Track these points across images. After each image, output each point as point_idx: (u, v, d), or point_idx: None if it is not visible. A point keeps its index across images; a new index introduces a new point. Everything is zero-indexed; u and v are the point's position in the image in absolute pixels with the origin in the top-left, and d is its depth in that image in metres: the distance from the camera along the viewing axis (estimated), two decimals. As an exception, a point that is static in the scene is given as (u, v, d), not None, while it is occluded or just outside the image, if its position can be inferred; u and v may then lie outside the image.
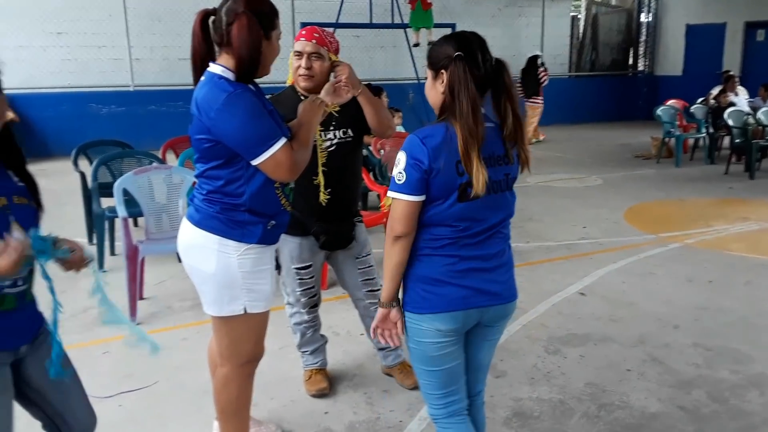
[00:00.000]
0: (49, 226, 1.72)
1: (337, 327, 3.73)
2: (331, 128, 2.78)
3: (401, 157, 1.81)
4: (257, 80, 2.15)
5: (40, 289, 1.74)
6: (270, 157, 2.00)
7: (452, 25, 11.97)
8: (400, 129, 7.52)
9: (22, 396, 1.79)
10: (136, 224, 5.62)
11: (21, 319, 1.72)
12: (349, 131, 2.82)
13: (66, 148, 8.23)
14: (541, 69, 11.76)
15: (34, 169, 1.84)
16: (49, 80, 10.79)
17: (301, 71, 2.67)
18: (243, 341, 2.25)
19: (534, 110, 11.83)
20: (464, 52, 1.78)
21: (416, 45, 10.85)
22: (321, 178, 2.75)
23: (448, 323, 1.85)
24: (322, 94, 2.28)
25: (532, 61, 11.81)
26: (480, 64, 1.80)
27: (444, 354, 1.89)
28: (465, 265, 1.86)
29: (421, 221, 1.85)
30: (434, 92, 1.88)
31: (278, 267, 2.88)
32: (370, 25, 11.09)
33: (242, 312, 2.18)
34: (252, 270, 2.16)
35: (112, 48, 11.35)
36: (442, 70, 1.82)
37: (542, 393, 3.00)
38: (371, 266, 3.04)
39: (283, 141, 2.02)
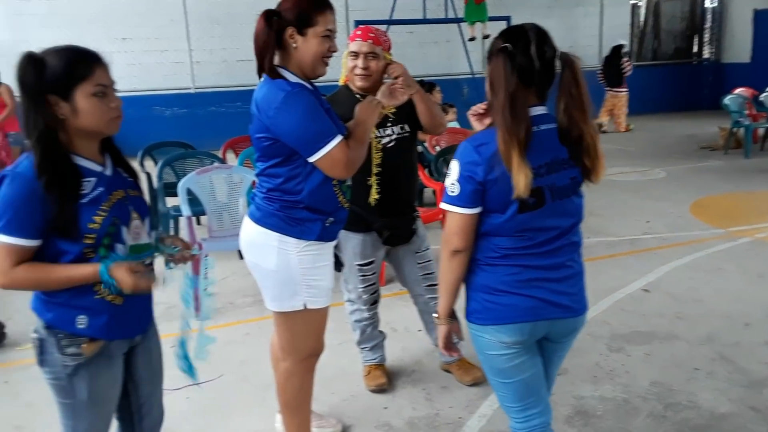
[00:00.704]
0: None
1: (395, 323, 3.75)
2: (389, 124, 2.80)
3: (454, 167, 1.73)
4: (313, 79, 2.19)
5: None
6: (326, 154, 2.03)
7: (507, 18, 11.80)
8: (454, 124, 7.48)
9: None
10: (198, 222, 5.79)
11: (139, 307, 1.80)
12: (406, 126, 2.84)
13: (132, 149, 8.50)
14: (625, 59, 11.67)
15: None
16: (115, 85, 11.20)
17: (358, 71, 2.69)
18: (303, 336, 2.30)
19: (618, 100, 11.76)
20: (513, 45, 1.68)
21: (471, 39, 10.70)
22: (374, 180, 2.77)
23: (512, 335, 1.76)
24: (379, 96, 2.29)
25: (616, 50, 11.70)
26: (533, 58, 1.68)
27: (514, 366, 1.80)
28: (530, 274, 1.75)
29: (480, 231, 1.77)
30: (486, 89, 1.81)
31: (338, 265, 2.93)
32: (424, 21, 11.04)
33: (302, 308, 2.22)
34: (311, 266, 2.20)
35: (173, 52, 11.70)
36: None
37: (605, 391, 2.94)
38: (430, 261, 3.04)
39: (338, 138, 2.05)
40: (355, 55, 2.70)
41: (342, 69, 2.87)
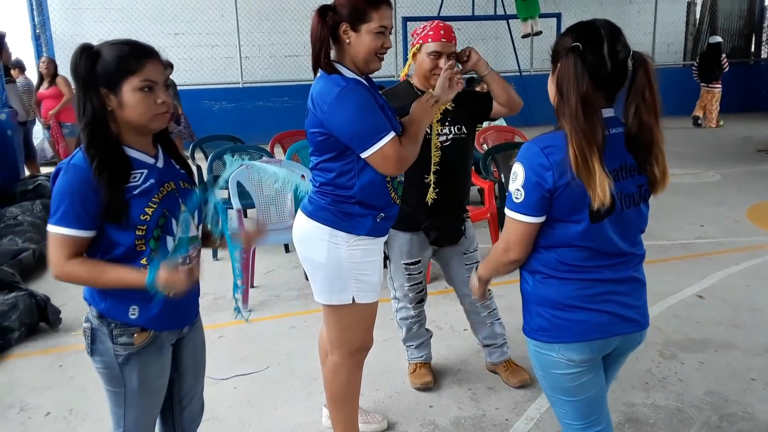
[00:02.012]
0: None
1: (441, 321, 3.73)
2: (447, 123, 2.78)
3: (518, 171, 1.61)
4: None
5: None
6: (378, 150, 2.02)
7: (557, 15, 11.61)
8: (501, 122, 7.39)
9: None
10: (245, 215, 5.87)
11: (189, 299, 1.81)
12: (464, 128, 2.81)
13: (184, 143, 8.73)
14: (723, 55, 11.90)
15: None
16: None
17: (457, 76, 2.59)
18: (352, 330, 2.30)
19: (712, 95, 12.00)
20: (583, 43, 1.55)
21: (526, 36, 10.43)
22: (432, 178, 2.75)
23: (582, 353, 1.66)
24: (437, 90, 2.26)
25: (712, 47, 11.96)
26: (606, 58, 1.55)
27: (579, 384, 1.70)
28: (601, 288, 1.65)
29: (544, 243, 1.67)
30: (552, 90, 1.66)
31: (384, 261, 2.92)
32: (473, 18, 10.96)
33: (351, 301, 2.22)
34: (361, 261, 2.19)
35: (223, 47, 11.90)
36: (558, 64, 1.61)
37: (658, 399, 2.86)
38: (478, 262, 3.00)
39: (391, 135, 2.03)
40: (438, 55, 2.65)
41: (406, 65, 2.84)
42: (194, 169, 5.67)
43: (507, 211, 1.67)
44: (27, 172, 7.62)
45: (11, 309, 3.61)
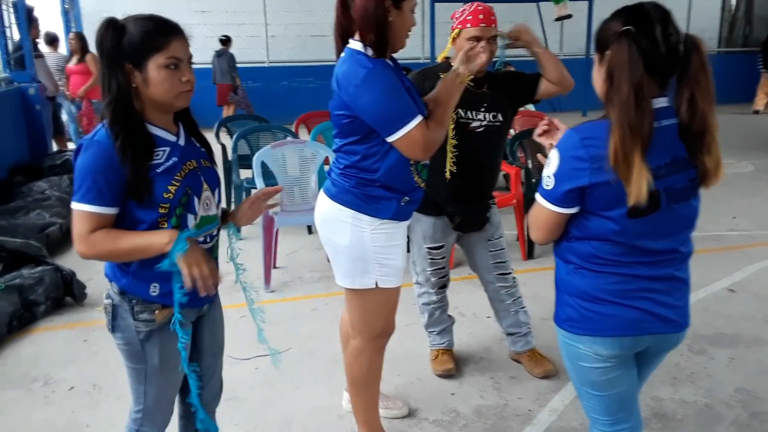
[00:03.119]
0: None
1: (463, 308, 3.68)
2: (482, 110, 2.71)
3: (553, 158, 1.54)
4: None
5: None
6: (405, 134, 1.97)
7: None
8: (529, 107, 7.26)
9: None
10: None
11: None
12: (499, 116, 2.74)
13: (209, 120, 8.67)
14: None
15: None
16: (193, 57, 11.45)
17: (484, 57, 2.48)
18: (374, 315, 2.26)
19: None
20: (636, 27, 1.44)
21: (560, 19, 10.07)
22: (449, 158, 2.68)
23: (611, 348, 1.60)
24: (456, 64, 2.17)
25: None
26: (659, 42, 1.45)
27: (608, 380, 1.65)
28: (636, 284, 1.57)
29: (579, 234, 1.60)
30: (598, 79, 1.56)
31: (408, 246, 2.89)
32: (503, 0, 10.75)
33: (374, 286, 2.19)
34: (384, 245, 2.16)
35: (250, 26, 11.87)
36: (607, 51, 1.50)
37: (686, 395, 2.79)
38: (503, 249, 2.95)
39: (418, 119, 1.98)
40: (477, 39, 2.57)
41: (445, 48, 2.77)
42: (218, 148, 5.68)
43: (537, 195, 1.62)
44: (55, 147, 7.70)
45: (37, 283, 3.64)
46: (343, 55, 2.09)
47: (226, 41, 10.62)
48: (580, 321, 1.62)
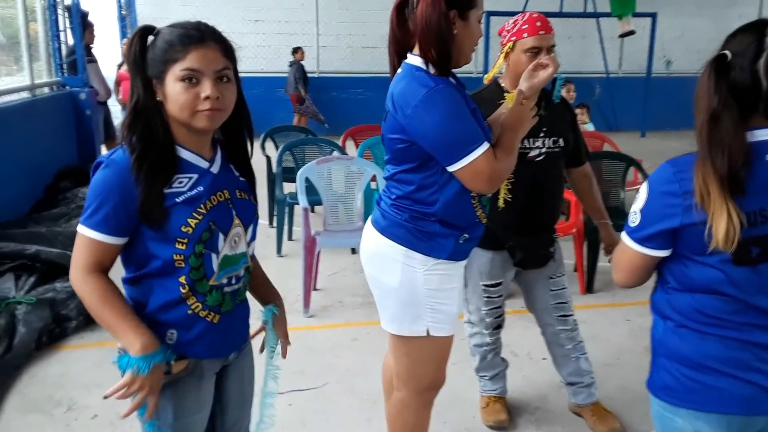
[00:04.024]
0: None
1: (516, 346, 3.39)
2: (541, 135, 2.44)
3: (643, 192, 1.38)
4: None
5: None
6: (469, 164, 1.72)
7: (653, 15, 10.93)
8: (589, 127, 6.93)
9: None
10: (313, 210, 5.69)
11: (237, 322, 1.59)
12: (561, 141, 2.47)
13: (256, 130, 8.65)
14: None
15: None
16: (244, 65, 11.42)
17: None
18: (423, 365, 2.01)
19: None
20: (735, 53, 1.28)
21: (625, 35, 9.64)
22: (504, 188, 2.42)
23: (716, 427, 1.37)
24: (522, 84, 1.90)
25: None
26: (761, 74, 1.25)
27: None
28: (750, 353, 1.34)
29: (677, 284, 1.39)
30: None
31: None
32: (560, 14, 10.43)
33: (424, 334, 1.94)
34: (438, 288, 1.91)
35: (302, 35, 11.81)
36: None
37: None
38: (565, 288, 2.67)
39: (485, 147, 1.73)
40: (537, 51, 2.31)
41: (494, 66, 2.51)
42: (263, 160, 5.53)
43: (623, 231, 1.44)
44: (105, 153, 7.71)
45: (70, 297, 3.51)
46: (400, 71, 1.86)
47: (295, 51, 10.66)
48: (680, 391, 1.39)
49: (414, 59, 1.82)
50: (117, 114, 9.19)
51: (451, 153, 1.74)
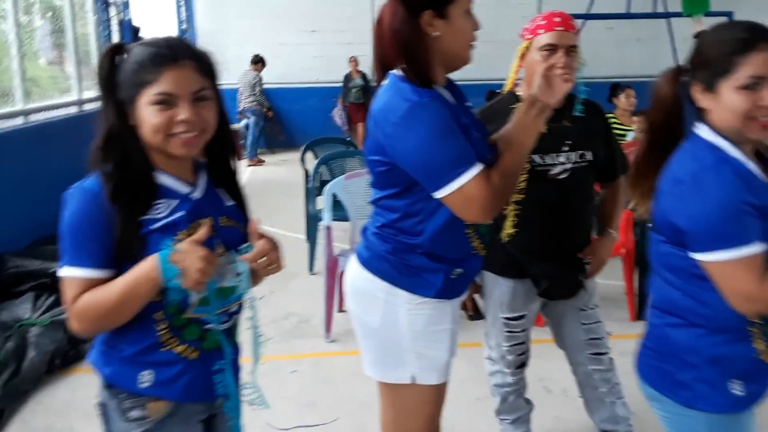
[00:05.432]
0: (279, 218, 1.35)
1: (551, 381, 3.05)
2: (565, 149, 2.14)
3: None
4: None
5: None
6: (457, 189, 1.47)
7: (728, 14, 10.13)
8: (633, 136, 6.41)
9: None
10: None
11: (230, 358, 1.44)
12: (588, 154, 2.16)
13: (309, 140, 8.60)
14: None
15: (280, 159, 1.54)
16: (301, 75, 11.48)
17: (560, 71, 1.90)
18: (410, 417, 1.77)
19: None
20: None
21: (698, 36, 9.07)
22: (511, 209, 2.12)
23: None
24: (533, 88, 1.61)
25: None
26: None
27: None
28: None
29: None
30: None
31: (478, 315, 2.38)
32: (628, 15, 9.84)
33: (409, 381, 1.69)
34: (425, 330, 1.66)
35: (358, 45, 11.68)
36: None
37: None
38: (598, 322, 2.34)
39: (476, 170, 1.47)
40: (552, 49, 2.03)
41: (512, 71, 2.24)
42: (302, 173, 5.38)
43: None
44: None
45: (87, 317, 3.44)
46: (384, 83, 1.63)
47: (350, 61, 10.66)
48: None
49: (399, 70, 1.59)
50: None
51: (437, 177, 1.50)
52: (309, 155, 5.94)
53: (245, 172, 9.23)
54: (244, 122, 10.35)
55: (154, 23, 9.69)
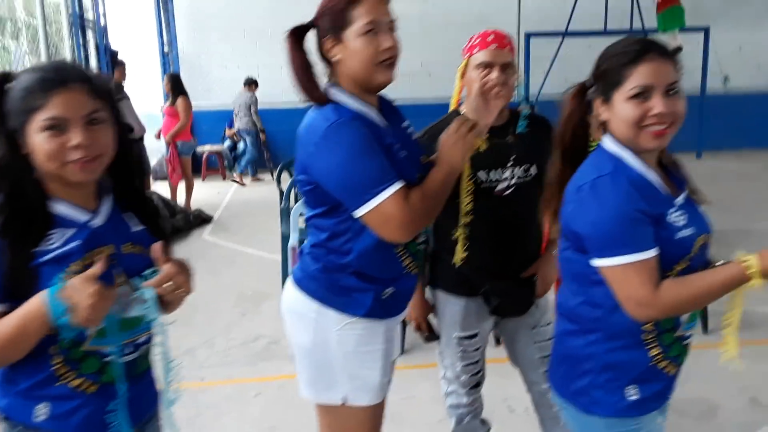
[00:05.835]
0: (258, 239, 1.31)
1: (514, 400, 3.01)
2: (509, 165, 2.14)
3: None
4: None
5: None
6: (375, 208, 1.48)
7: (705, 29, 10.33)
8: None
9: None
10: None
11: (135, 393, 1.38)
12: (532, 168, 2.17)
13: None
14: None
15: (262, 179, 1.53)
16: (284, 96, 11.51)
17: (493, 86, 1.95)
18: None
19: None
20: None
21: (673, 52, 9.14)
22: (461, 233, 2.11)
23: None
24: (469, 113, 1.65)
25: None
26: None
27: None
28: None
29: None
30: None
31: (432, 336, 2.37)
32: (605, 33, 9.98)
33: (341, 402, 1.68)
34: (355, 350, 1.66)
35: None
36: None
37: None
38: (550, 339, 2.31)
39: (393, 188, 1.48)
40: (488, 67, 2.04)
41: (455, 91, 2.25)
42: (277, 195, 5.36)
43: None
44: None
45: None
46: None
47: None
48: None
49: (330, 91, 1.62)
50: (152, 151, 9.31)
51: (355, 196, 1.51)
52: (285, 175, 5.94)
53: (229, 192, 9.23)
54: (227, 144, 10.36)
55: (135, 47, 9.72)
